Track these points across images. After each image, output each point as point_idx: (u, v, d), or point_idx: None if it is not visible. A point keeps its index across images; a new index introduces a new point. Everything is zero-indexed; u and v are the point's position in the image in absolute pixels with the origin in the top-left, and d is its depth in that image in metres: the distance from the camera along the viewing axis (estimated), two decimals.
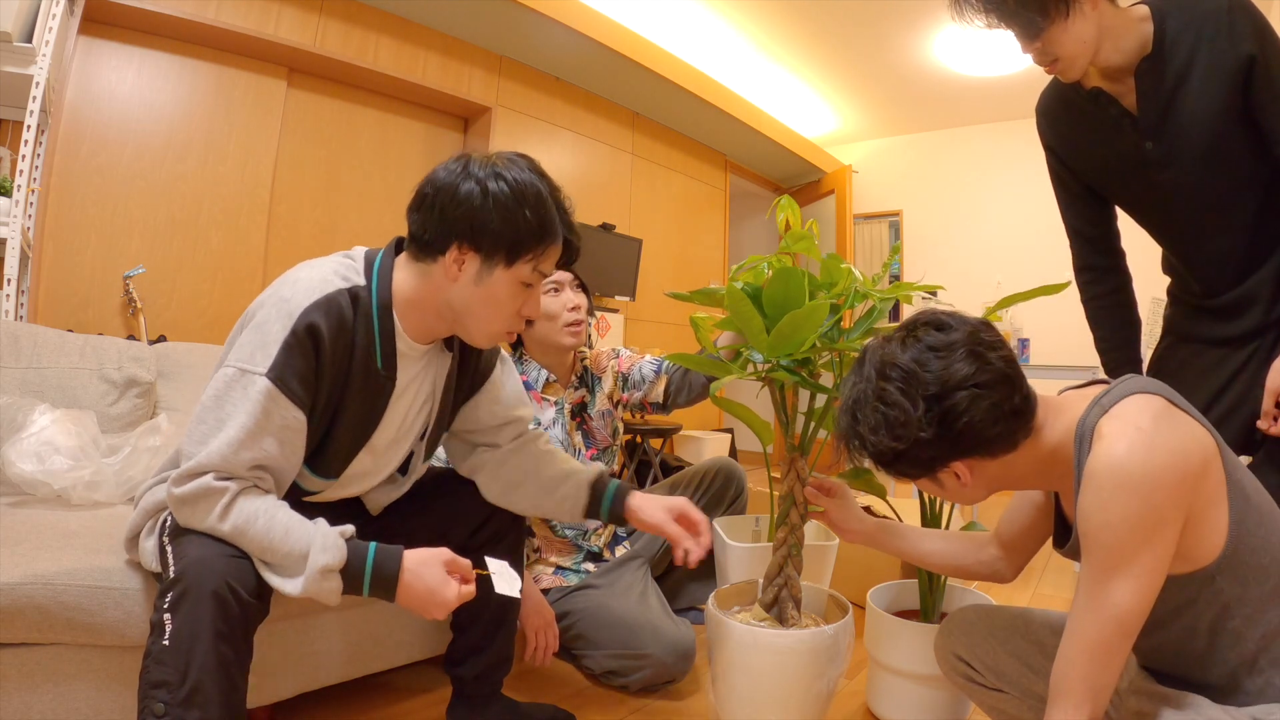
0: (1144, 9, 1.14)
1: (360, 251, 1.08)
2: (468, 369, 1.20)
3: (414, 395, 1.12)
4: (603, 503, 1.24)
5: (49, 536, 1.13)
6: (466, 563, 1.00)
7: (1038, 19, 1.08)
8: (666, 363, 1.81)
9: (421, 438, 1.19)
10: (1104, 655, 0.77)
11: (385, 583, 0.94)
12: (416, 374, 1.11)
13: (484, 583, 1.03)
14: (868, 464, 0.89)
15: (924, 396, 0.80)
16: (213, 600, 0.84)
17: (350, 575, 0.92)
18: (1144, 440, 0.75)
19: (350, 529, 0.95)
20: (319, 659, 1.31)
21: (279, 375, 0.92)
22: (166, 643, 0.83)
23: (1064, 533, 0.96)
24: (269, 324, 0.94)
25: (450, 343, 1.16)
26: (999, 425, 0.81)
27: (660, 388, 1.81)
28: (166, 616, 0.84)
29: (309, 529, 0.92)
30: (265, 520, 0.90)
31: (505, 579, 1.05)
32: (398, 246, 1.08)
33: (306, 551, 0.90)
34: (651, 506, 1.24)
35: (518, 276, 1.02)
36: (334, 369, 0.99)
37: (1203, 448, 0.78)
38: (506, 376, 1.27)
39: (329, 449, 1.05)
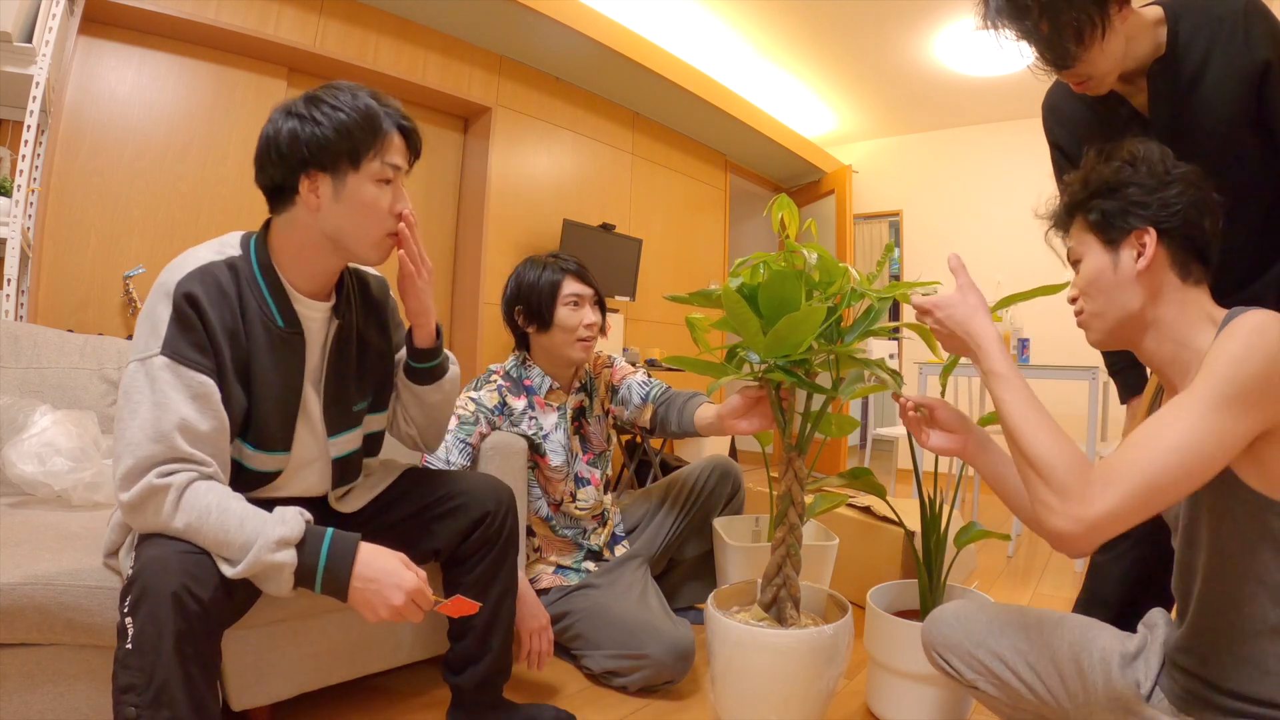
0: (1158, 10, 1.14)
1: (234, 234, 1.11)
2: (371, 323, 1.22)
3: (322, 346, 1.13)
4: None
5: (49, 537, 1.14)
6: (423, 572, 1.00)
7: (1071, 46, 1.04)
8: (654, 391, 1.82)
9: (360, 405, 1.20)
10: (1175, 465, 0.75)
11: (341, 561, 0.94)
12: (320, 324, 1.12)
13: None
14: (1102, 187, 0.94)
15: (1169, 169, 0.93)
16: (171, 600, 0.83)
17: (306, 552, 0.92)
18: None
19: (308, 514, 0.95)
20: (318, 659, 1.31)
21: (171, 349, 0.93)
22: (130, 646, 0.82)
23: None
24: (153, 309, 0.96)
25: (338, 308, 1.15)
26: (1202, 219, 0.90)
27: (646, 415, 1.82)
28: (128, 620, 0.83)
29: (264, 513, 0.92)
30: (219, 514, 0.89)
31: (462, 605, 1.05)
32: (266, 226, 1.11)
33: (261, 532, 0.90)
34: None
35: (370, 175, 1.04)
36: (228, 334, 0.99)
37: None
38: (390, 306, 1.29)
39: (260, 418, 1.04)
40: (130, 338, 2.26)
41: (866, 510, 2.23)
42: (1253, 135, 1.13)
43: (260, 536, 0.89)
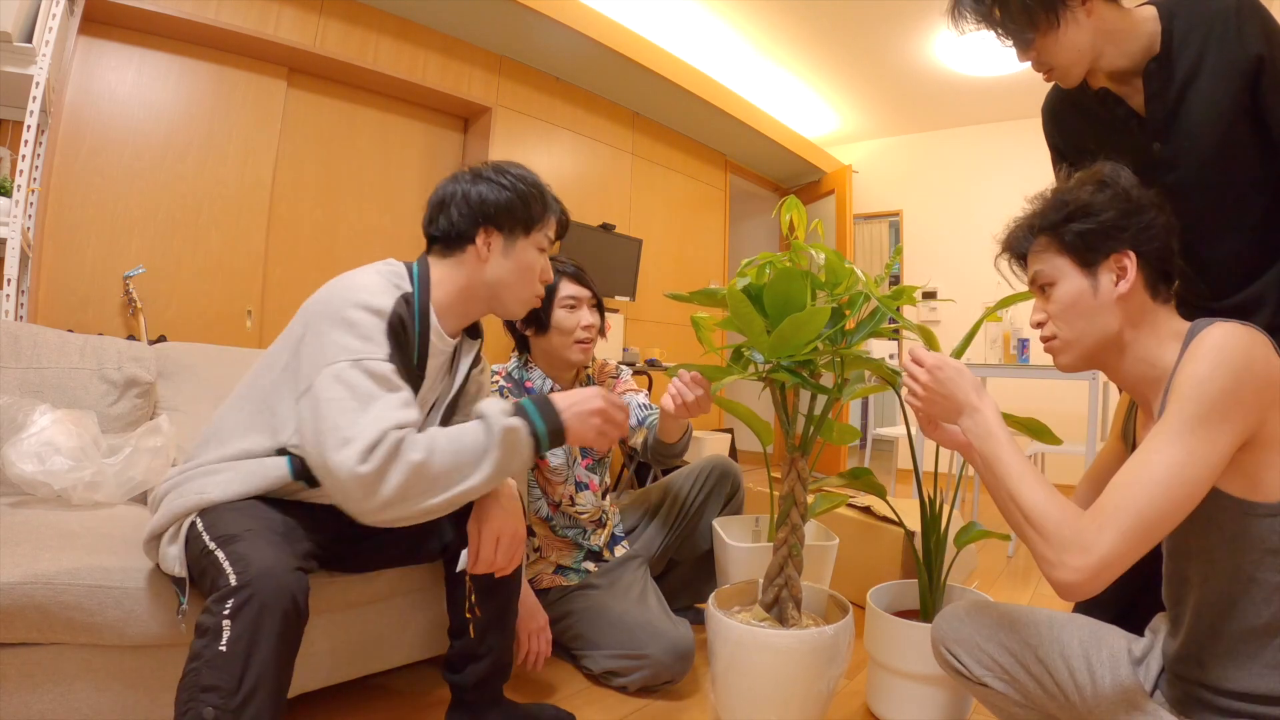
0: (1151, 9, 1.14)
1: (399, 264, 1.21)
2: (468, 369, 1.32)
3: (430, 385, 1.22)
4: None
5: (49, 537, 1.13)
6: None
7: (1026, 32, 1.09)
8: (651, 418, 1.82)
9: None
10: (1162, 496, 0.78)
11: (545, 405, 1.07)
12: (438, 367, 1.23)
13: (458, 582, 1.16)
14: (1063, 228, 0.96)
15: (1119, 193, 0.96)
16: (280, 612, 0.86)
17: (523, 415, 1.05)
18: (1248, 335, 0.82)
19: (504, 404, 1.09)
20: (317, 660, 1.31)
21: (393, 361, 1.04)
22: (223, 648, 0.83)
23: None
24: (361, 321, 1.04)
25: (475, 331, 1.31)
26: (1171, 241, 0.95)
27: (639, 439, 1.83)
28: (225, 622, 0.84)
29: (471, 421, 1.04)
30: (441, 435, 0.99)
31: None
32: (424, 262, 1.22)
33: (484, 421, 1.02)
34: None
35: (535, 243, 1.23)
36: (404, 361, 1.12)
37: None
38: (486, 374, 1.44)
39: None
40: (131, 338, 2.27)
41: (867, 510, 2.23)
42: (1249, 131, 1.13)
43: (486, 421, 1.01)
